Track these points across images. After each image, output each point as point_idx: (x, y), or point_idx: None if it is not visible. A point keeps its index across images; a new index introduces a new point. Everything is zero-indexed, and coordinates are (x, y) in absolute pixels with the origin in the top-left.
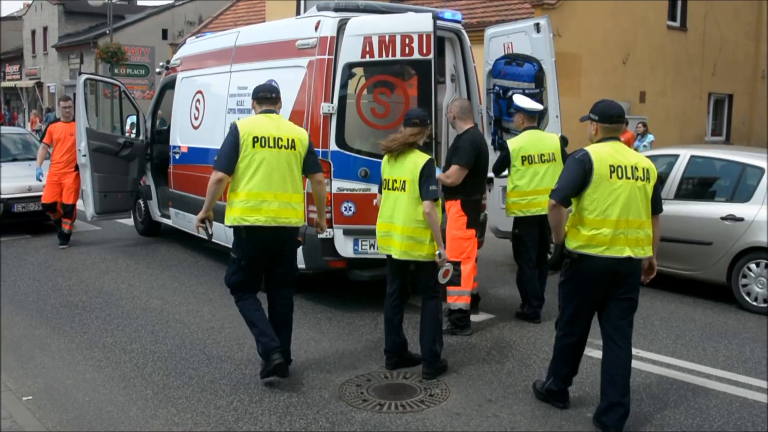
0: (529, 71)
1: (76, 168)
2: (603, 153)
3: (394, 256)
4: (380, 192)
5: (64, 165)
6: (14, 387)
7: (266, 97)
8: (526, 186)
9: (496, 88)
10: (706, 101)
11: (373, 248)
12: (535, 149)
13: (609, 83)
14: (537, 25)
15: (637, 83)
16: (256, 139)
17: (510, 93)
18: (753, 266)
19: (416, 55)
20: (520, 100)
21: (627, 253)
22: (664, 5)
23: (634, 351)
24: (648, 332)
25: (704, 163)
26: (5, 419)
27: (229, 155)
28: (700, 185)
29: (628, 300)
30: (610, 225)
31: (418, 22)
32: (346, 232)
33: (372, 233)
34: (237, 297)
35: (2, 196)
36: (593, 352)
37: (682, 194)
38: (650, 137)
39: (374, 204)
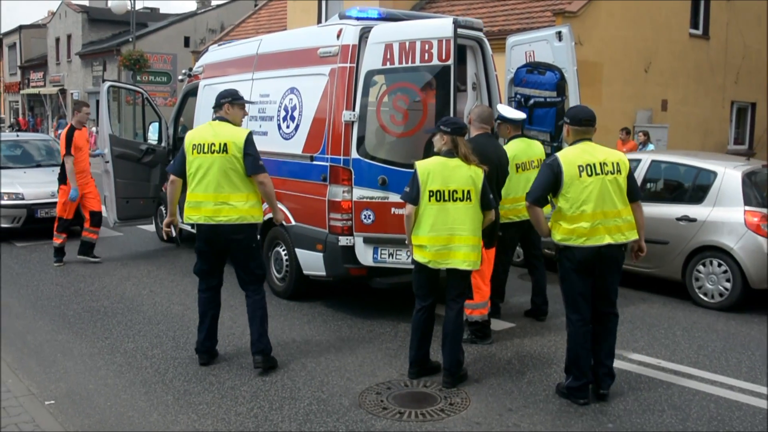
0: (551, 80)
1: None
2: (571, 156)
3: (462, 267)
4: (414, 203)
5: (87, 174)
6: (37, 391)
7: (216, 104)
8: (522, 191)
9: (518, 96)
10: (728, 110)
11: (392, 258)
12: (527, 156)
13: (630, 91)
14: (559, 33)
15: (658, 91)
16: (194, 147)
17: (531, 101)
18: (704, 264)
19: (435, 61)
20: (504, 110)
21: (607, 240)
22: (687, 13)
23: (655, 361)
24: (670, 342)
25: (664, 167)
26: (27, 423)
27: (178, 161)
28: (659, 188)
29: (612, 283)
30: (587, 218)
31: (438, 28)
32: (366, 240)
33: (390, 242)
34: (199, 286)
35: (26, 202)
36: (615, 362)
37: (643, 196)
38: (651, 146)
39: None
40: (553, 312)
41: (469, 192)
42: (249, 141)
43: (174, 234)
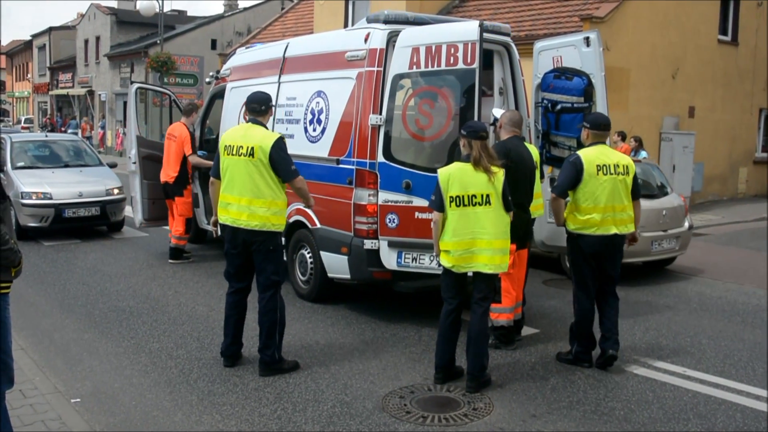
0: (579, 85)
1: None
2: (591, 156)
3: (486, 271)
4: (440, 210)
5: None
6: (63, 389)
7: (254, 109)
8: None
9: (545, 101)
10: (756, 117)
11: (416, 262)
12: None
13: (657, 97)
14: (587, 38)
15: (686, 98)
16: (225, 148)
17: (559, 107)
18: None
19: (461, 65)
20: (498, 113)
21: (613, 231)
22: (715, 19)
23: (681, 369)
24: (696, 351)
25: None
26: (54, 420)
27: (215, 162)
28: None
29: (615, 267)
30: (600, 211)
31: (464, 32)
32: (391, 244)
33: (414, 246)
34: (228, 289)
35: (54, 202)
36: (639, 369)
37: None
38: (643, 153)
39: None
40: (568, 315)
41: (488, 196)
42: (277, 146)
43: (219, 233)
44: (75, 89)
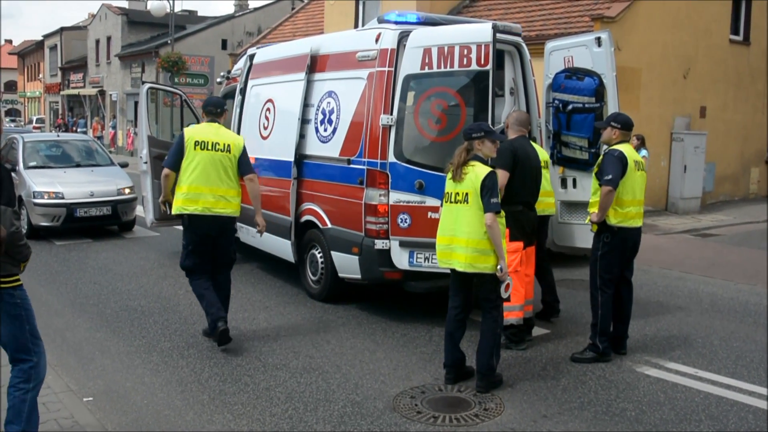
0: (590, 85)
1: None
2: (628, 152)
3: (458, 269)
4: (442, 206)
5: None
6: (76, 388)
7: (211, 111)
8: None
9: (556, 101)
10: None
11: (428, 262)
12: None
13: (668, 97)
14: (598, 39)
15: (697, 98)
16: (197, 143)
17: (570, 107)
18: None
19: (474, 66)
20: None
21: (639, 223)
22: (727, 19)
23: (692, 370)
24: (707, 352)
25: None
26: (67, 419)
27: (174, 155)
28: None
29: (634, 256)
30: (636, 204)
31: (477, 33)
32: (402, 244)
33: (426, 246)
34: (190, 278)
35: (65, 201)
36: (650, 370)
37: None
38: (644, 152)
39: (435, 217)
40: (578, 316)
41: (467, 194)
42: (244, 147)
43: (167, 210)
44: (86, 89)
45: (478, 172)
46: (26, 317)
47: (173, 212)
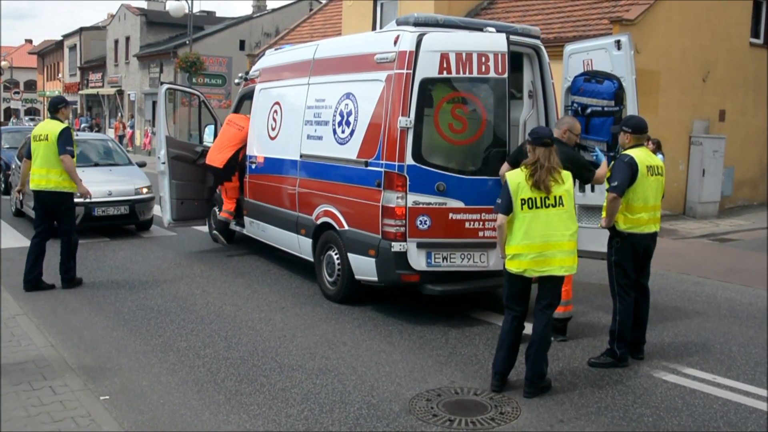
0: (609, 89)
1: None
2: (641, 157)
3: (560, 274)
4: (506, 213)
5: None
6: (92, 386)
7: (50, 110)
8: None
9: (575, 105)
10: None
11: (446, 261)
12: None
13: (687, 101)
14: (618, 42)
15: (716, 101)
16: (34, 137)
17: (589, 110)
18: None
19: (492, 74)
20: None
21: (653, 229)
22: (747, 22)
23: (710, 376)
24: (726, 358)
25: None
26: (84, 417)
27: (27, 147)
28: None
29: (649, 261)
30: (649, 210)
31: (494, 42)
32: (420, 245)
33: (445, 246)
34: (35, 239)
35: (83, 200)
36: (668, 376)
37: None
38: (660, 157)
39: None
40: (595, 320)
41: (560, 197)
42: (62, 133)
43: (22, 199)
44: (105, 89)
45: (566, 175)
46: None
47: (32, 188)
